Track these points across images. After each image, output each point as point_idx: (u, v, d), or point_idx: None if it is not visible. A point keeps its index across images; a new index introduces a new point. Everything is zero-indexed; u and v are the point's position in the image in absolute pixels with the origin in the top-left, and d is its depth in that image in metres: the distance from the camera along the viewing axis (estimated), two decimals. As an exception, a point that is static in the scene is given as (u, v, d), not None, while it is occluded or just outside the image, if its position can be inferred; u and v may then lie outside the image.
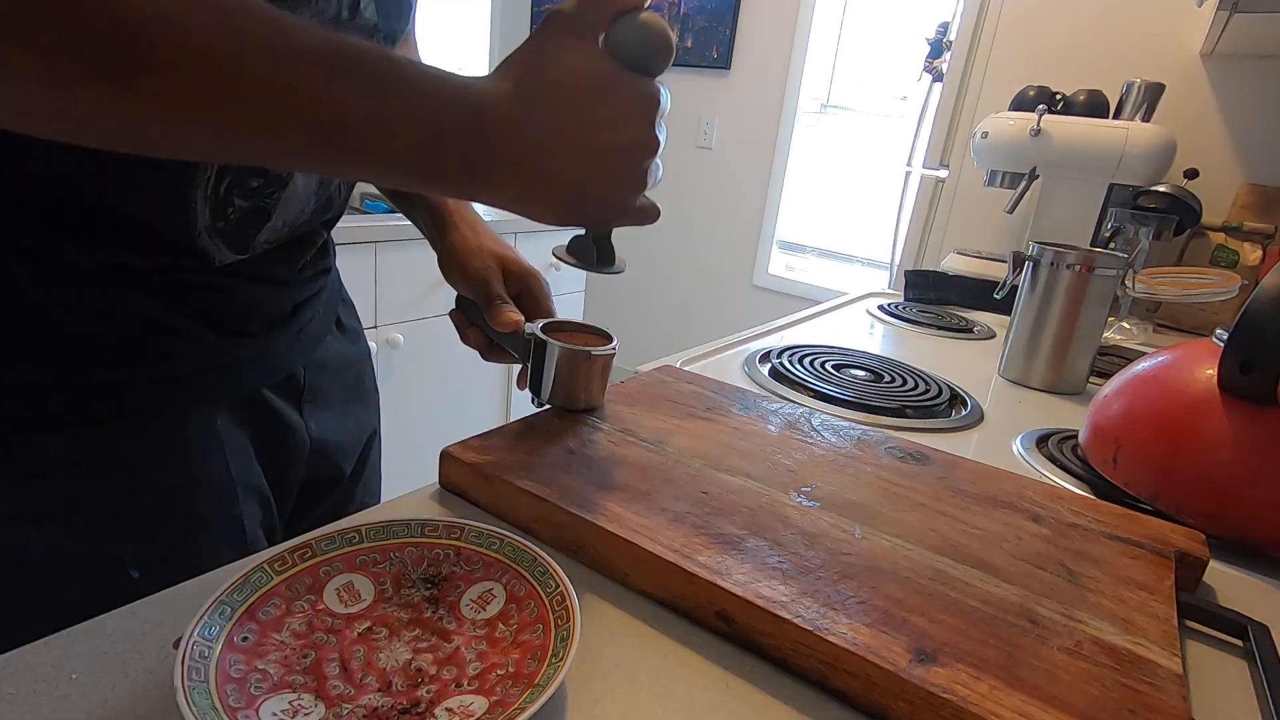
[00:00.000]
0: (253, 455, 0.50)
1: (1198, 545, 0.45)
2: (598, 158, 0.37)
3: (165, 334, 0.43)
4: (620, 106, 0.37)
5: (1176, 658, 0.33)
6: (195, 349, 0.45)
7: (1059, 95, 1.40)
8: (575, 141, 0.36)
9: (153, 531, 0.44)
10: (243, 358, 0.48)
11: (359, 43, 0.32)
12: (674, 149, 2.83)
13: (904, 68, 2.42)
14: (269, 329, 0.49)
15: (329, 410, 0.57)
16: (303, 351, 0.53)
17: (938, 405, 0.73)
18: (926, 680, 0.30)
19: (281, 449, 0.52)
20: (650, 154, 0.38)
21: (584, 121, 0.36)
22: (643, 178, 0.39)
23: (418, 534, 0.36)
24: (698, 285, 2.92)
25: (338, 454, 0.59)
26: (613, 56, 0.37)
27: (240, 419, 0.49)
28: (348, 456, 0.61)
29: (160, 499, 0.45)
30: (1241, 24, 1.20)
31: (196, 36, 0.28)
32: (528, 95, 0.35)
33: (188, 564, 0.43)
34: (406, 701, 0.29)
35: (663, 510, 0.40)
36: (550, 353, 0.50)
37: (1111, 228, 1.27)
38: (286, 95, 0.30)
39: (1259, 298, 0.49)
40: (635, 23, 0.37)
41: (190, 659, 0.27)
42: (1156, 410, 0.55)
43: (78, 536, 0.42)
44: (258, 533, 0.50)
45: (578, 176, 0.37)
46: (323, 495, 0.59)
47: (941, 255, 1.66)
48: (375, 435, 0.66)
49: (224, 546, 0.47)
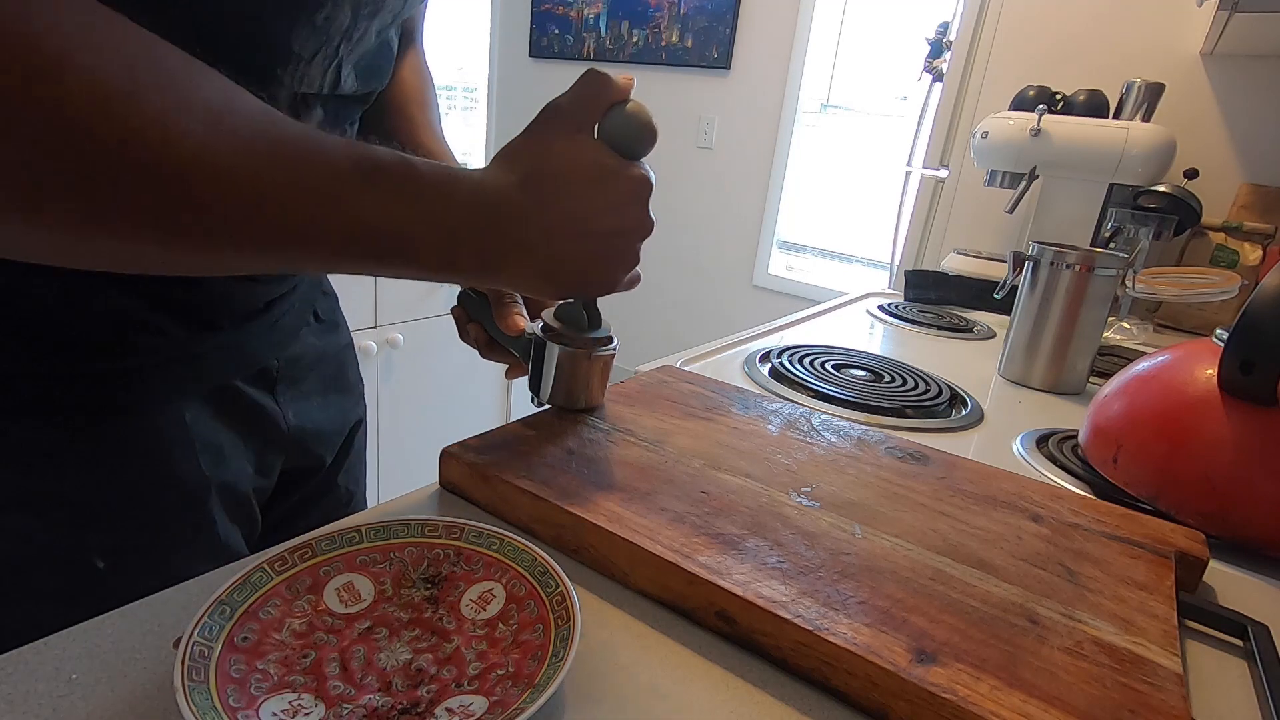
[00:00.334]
0: (224, 449, 0.50)
1: (1198, 545, 0.45)
2: (600, 240, 0.40)
3: (133, 327, 0.43)
4: (620, 194, 0.40)
5: (1176, 658, 0.33)
6: (162, 343, 0.45)
7: (1059, 95, 1.40)
8: (580, 227, 0.39)
9: (118, 523, 0.44)
10: (211, 350, 0.48)
11: (378, 152, 0.34)
12: (674, 149, 2.83)
13: (904, 68, 2.42)
14: (240, 323, 0.49)
15: (308, 401, 0.57)
16: (276, 345, 0.53)
17: (938, 405, 0.73)
18: (926, 680, 0.30)
19: (257, 438, 0.53)
20: (645, 234, 0.43)
21: (588, 209, 0.39)
22: (637, 255, 0.43)
23: (418, 534, 0.36)
24: (698, 285, 2.92)
25: (318, 443, 0.59)
26: (606, 145, 0.41)
27: (214, 410, 0.49)
28: (329, 445, 0.61)
29: (126, 491, 0.45)
30: (1241, 24, 1.20)
31: (236, 174, 0.29)
32: (536, 188, 0.38)
33: (155, 556, 0.44)
34: (406, 701, 0.29)
35: (662, 510, 0.40)
36: (550, 354, 0.50)
37: (1111, 228, 1.27)
38: (317, 215, 0.32)
39: (1259, 298, 0.49)
40: (624, 113, 0.41)
41: (190, 659, 0.27)
42: (1156, 410, 0.55)
43: (43, 524, 0.42)
44: (230, 528, 0.50)
45: (582, 259, 0.40)
46: (303, 482, 0.60)
47: (941, 255, 1.66)
48: (360, 423, 0.67)
49: (193, 540, 0.47)
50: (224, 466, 0.49)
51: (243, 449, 0.51)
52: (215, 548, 0.48)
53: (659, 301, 3.01)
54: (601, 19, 2.91)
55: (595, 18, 2.93)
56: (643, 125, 0.41)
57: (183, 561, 0.45)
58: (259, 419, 0.52)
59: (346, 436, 0.64)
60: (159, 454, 0.46)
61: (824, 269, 2.76)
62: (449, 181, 0.36)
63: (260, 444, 0.53)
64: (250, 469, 0.52)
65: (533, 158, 0.39)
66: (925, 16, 2.26)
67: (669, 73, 2.78)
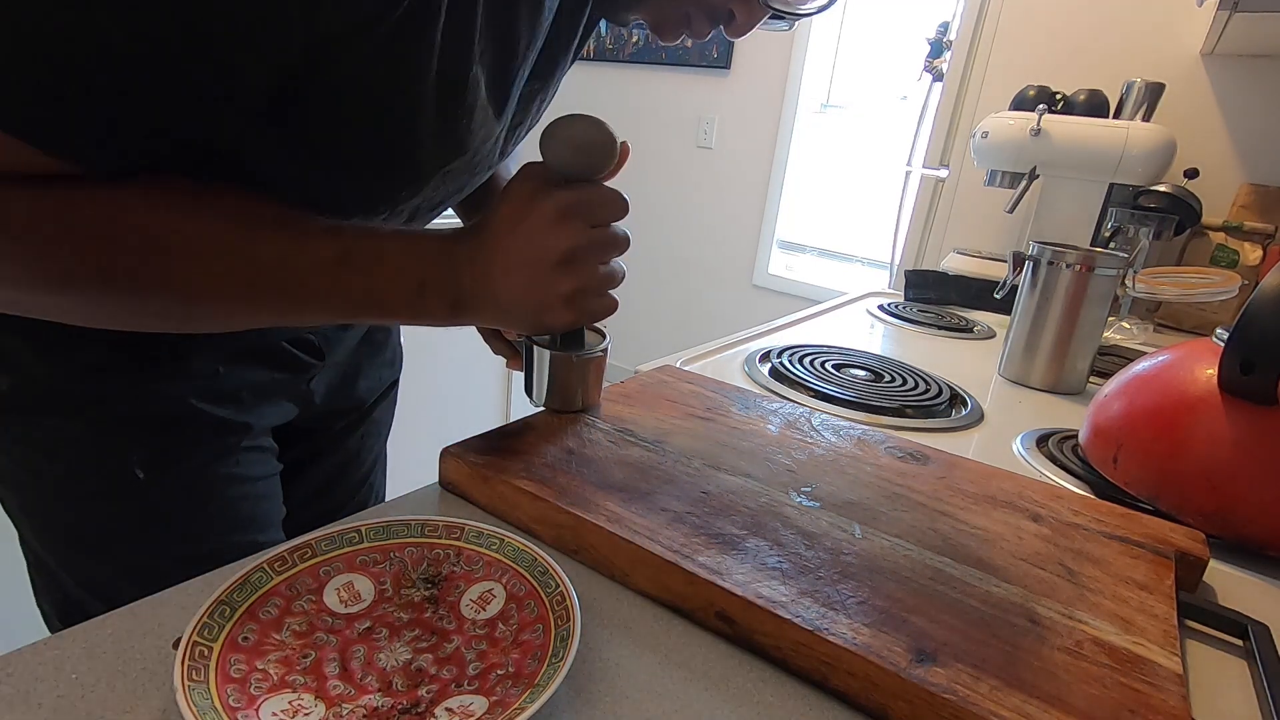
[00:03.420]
0: (253, 391, 0.54)
1: (1198, 545, 0.45)
2: (545, 270, 0.41)
3: None
4: (544, 219, 0.41)
5: (1176, 657, 0.33)
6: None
7: (1059, 95, 1.40)
8: (519, 260, 0.41)
9: (155, 439, 0.49)
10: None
11: (352, 229, 0.40)
12: (674, 149, 2.83)
13: (904, 68, 2.42)
14: None
15: (339, 365, 0.63)
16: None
17: (938, 405, 0.73)
18: (926, 680, 0.30)
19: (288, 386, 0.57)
20: (598, 252, 0.43)
21: (522, 243, 0.41)
22: (608, 276, 0.44)
23: (418, 534, 0.36)
24: (698, 285, 2.92)
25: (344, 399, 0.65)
26: (554, 172, 0.42)
27: (251, 360, 0.53)
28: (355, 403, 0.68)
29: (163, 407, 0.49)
30: (1241, 24, 1.20)
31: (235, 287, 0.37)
32: (485, 232, 0.41)
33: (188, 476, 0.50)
34: (406, 701, 0.29)
35: (662, 510, 0.40)
36: (540, 358, 0.50)
37: (1111, 227, 1.27)
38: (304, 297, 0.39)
39: (1259, 298, 0.49)
40: (556, 136, 0.41)
41: (190, 659, 0.27)
42: (1156, 410, 0.55)
43: (90, 430, 0.47)
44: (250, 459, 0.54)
45: (535, 293, 0.42)
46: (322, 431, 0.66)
47: (941, 255, 1.66)
48: (393, 386, 0.73)
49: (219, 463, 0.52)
50: (252, 410, 0.54)
51: (270, 396, 0.55)
52: (235, 477, 0.53)
53: (659, 301, 3.01)
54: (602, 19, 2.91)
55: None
56: (577, 146, 0.41)
57: (207, 487, 0.51)
58: (294, 363, 0.56)
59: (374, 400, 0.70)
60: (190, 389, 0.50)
61: (824, 269, 2.76)
62: (416, 242, 0.41)
63: (291, 393, 0.57)
64: (272, 413, 0.56)
65: (491, 210, 0.42)
66: (925, 16, 2.26)
67: (669, 72, 2.78)
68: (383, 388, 0.71)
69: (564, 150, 0.41)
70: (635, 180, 2.78)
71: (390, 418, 0.75)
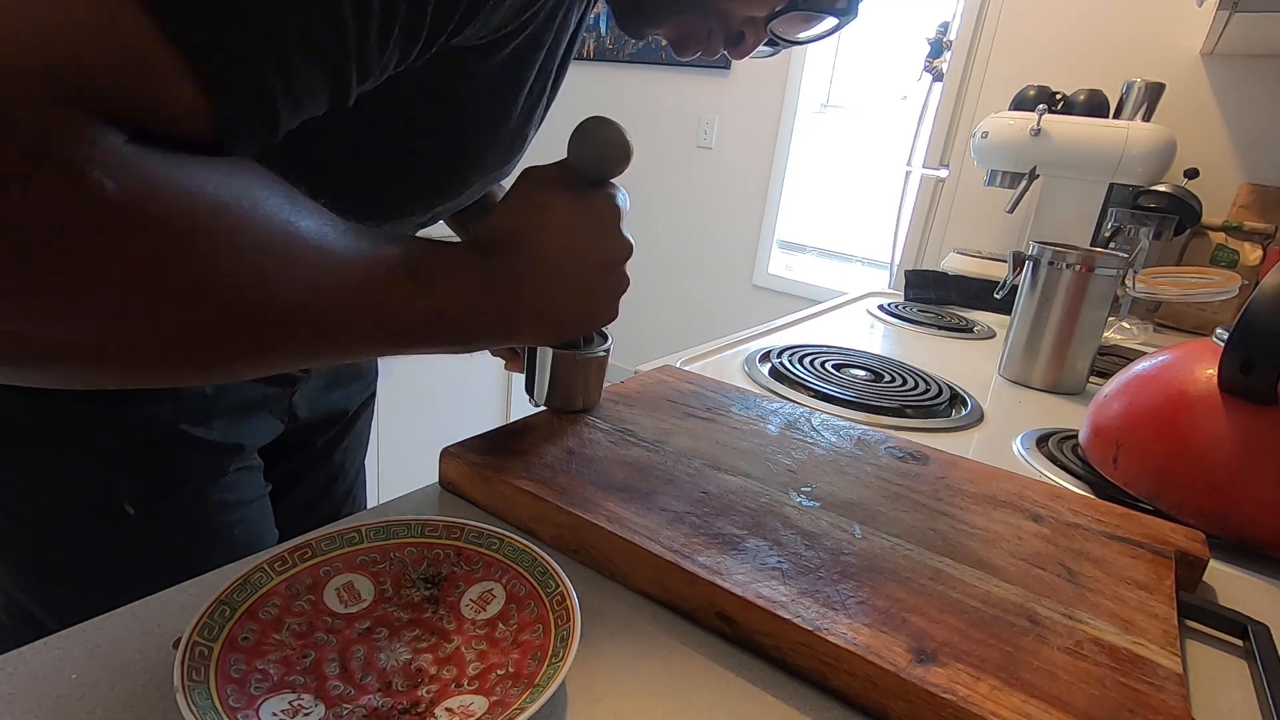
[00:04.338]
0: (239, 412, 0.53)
1: (1198, 545, 0.45)
2: (590, 276, 0.41)
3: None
4: (593, 225, 0.41)
5: (1176, 657, 0.33)
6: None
7: (1059, 95, 1.40)
8: (567, 270, 0.40)
9: (144, 469, 0.48)
10: None
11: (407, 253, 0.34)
12: (674, 149, 2.83)
13: (904, 68, 2.42)
14: None
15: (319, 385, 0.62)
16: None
17: (938, 405, 0.73)
18: (926, 680, 0.30)
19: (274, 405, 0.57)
20: (627, 256, 0.43)
21: (568, 253, 0.40)
22: (627, 278, 0.44)
23: (418, 534, 0.36)
24: (698, 285, 2.92)
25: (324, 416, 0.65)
26: (577, 170, 0.41)
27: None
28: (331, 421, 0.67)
29: (151, 436, 0.48)
30: (1241, 24, 1.20)
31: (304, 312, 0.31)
32: (532, 243, 0.39)
33: (179, 507, 0.49)
34: (406, 701, 0.29)
35: (662, 510, 0.40)
36: (543, 356, 0.50)
37: (1111, 227, 1.27)
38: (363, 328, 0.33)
39: (1259, 298, 0.49)
40: (589, 134, 0.40)
41: (190, 659, 0.27)
42: (1156, 410, 0.55)
43: (77, 463, 0.46)
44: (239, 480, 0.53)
45: (580, 300, 0.42)
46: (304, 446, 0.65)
47: (941, 255, 1.66)
48: (369, 400, 0.73)
49: (213, 491, 0.51)
50: (241, 429, 0.53)
51: (256, 413, 0.55)
52: (229, 503, 0.52)
53: (659, 301, 3.00)
54: (602, 19, 2.90)
55: (595, 18, 2.92)
56: (611, 144, 0.41)
57: (202, 516, 0.50)
58: (281, 376, 0.56)
59: (351, 415, 0.69)
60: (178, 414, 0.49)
61: (824, 269, 2.76)
62: (468, 262, 0.37)
63: (275, 409, 0.57)
64: (261, 431, 0.56)
65: (515, 221, 0.40)
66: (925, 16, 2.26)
67: (669, 73, 2.78)
68: (363, 398, 0.70)
69: (601, 150, 0.41)
70: (635, 180, 2.78)
71: (369, 430, 0.74)
